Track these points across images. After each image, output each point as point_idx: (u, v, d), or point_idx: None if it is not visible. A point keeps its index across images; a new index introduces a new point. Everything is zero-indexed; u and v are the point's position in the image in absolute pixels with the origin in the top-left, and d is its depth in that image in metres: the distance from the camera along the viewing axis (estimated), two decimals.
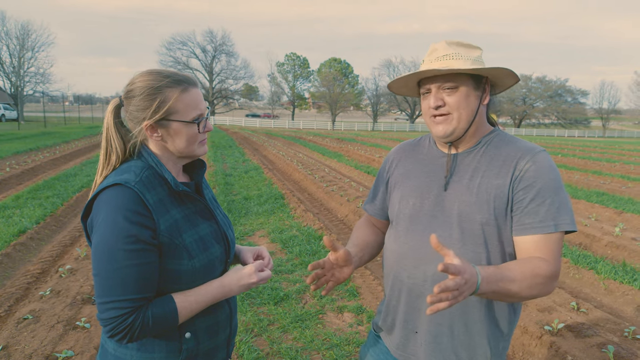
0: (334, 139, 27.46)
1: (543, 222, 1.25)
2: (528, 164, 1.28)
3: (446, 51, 1.32)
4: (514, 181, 1.28)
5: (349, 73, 68.63)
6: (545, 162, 1.30)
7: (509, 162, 1.31)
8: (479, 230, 1.30)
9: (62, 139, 20.50)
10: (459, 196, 1.34)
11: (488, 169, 1.33)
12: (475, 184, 1.33)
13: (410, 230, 1.41)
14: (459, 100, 1.31)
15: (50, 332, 3.30)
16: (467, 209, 1.32)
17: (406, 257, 1.41)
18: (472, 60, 1.31)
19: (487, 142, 1.39)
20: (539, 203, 1.25)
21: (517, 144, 1.36)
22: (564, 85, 68.58)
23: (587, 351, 3.15)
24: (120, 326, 1.12)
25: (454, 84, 1.31)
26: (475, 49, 1.35)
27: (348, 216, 7.25)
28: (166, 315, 1.18)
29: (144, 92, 1.22)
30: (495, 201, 1.29)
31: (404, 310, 1.44)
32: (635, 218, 7.39)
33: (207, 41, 57.37)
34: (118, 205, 1.14)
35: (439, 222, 1.36)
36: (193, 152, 1.30)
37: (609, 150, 24.19)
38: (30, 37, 42.97)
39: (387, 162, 1.61)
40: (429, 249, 1.35)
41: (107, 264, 1.12)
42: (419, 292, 1.39)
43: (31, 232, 5.86)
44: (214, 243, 1.32)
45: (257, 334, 3.48)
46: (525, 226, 1.27)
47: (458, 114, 1.32)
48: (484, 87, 1.35)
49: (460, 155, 1.40)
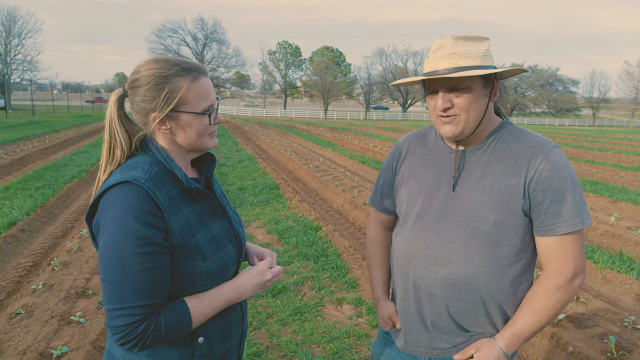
0: (328, 128, 27.34)
1: (567, 221, 1.25)
2: (543, 164, 1.26)
3: (454, 49, 1.24)
4: (530, 182, 1.26)
5: (341, 61, 68.16)
6: (560, 159, 1.27)
7: (522, 160, 1.28)
8: (491, 230, 1.28)
9: (51, 128, 20.17)
10: (469, 195, 1.30)
11: (500, 167, 1.30)
12: (487, 183, 1.29)
13: (420, 230, 1.38)
14: (469, 102, 1.26)
15: (44, 328, 3.22)
16: (479, 209, 1.28)
17: (416, 257, 1.38)
18: (480, 56, 1.25)
19: (497, 137, 1.34)
20: (560, 203, 1.24)
21: (528, 139, 1.32)
22: (555, 74, 68.76)
23: (588, 342, 3.14)
24: (131, 334, 1.05)
25: (464, 86, 1.25)
26: (482, 41, 1.29)
27: (344, 206, 7.21)
28: (180, 321, 1.11)
29: (151, 81, 1.13)
30: (509, 201, 1.27)
31: (415, 309, 1.41)
32: (629, 207, 7.42)
33: (198, 29, 56.48)
34: (127, 205, 1.05)
35: (449, 221, 1.32)
36: (203, 144, 1.22)
37: (600, 139, 24.34)
38: (16, 23, 42.08)
39: (394, 155, 1.55)
40: (439, 250, 1.33)
41: (116, 268, 1.04)
42: (430, 293, 1.36)
43: (21, 223, 5.74)
44: (227, 243, 1.25)
45: (256, 328, 3.43)
46: (550, 227, 1.26)
47: (466, 115, 1.27)
48: (493, 82, 1.31)
49: (468, 152, 1.35)
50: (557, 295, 1.27)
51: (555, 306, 1.27)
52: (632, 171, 11.70)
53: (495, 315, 1.33)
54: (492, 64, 1.27)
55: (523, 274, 1.33)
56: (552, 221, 1.25)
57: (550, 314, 1.27)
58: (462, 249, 1.30)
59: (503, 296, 1.31)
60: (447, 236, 1.32)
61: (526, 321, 1.28)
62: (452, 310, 1.34)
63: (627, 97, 66.31)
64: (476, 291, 1.30)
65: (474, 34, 1.27)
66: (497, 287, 1.30)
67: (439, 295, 1.34)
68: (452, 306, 1.33)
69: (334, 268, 4.53)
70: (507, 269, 1.30)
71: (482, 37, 1.29)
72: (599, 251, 5.29)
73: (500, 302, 1.32)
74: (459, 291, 1.31)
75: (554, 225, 1.25)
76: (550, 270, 1.29)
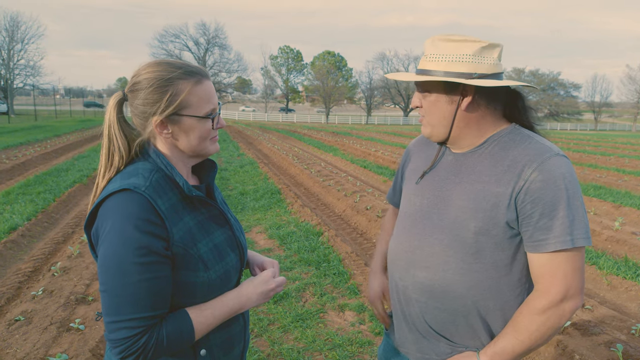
0: (329, 133, 27.34)
1: (558, 237, 1.13)
2: (534, 173, 1.14)
3: (429, 50, 1.23)
4: (519, 192, 1.15)
5: (342, 66, 68.22)
6: (556, 169, 1.14)
7: (514, 169, 1.18)
8: (472, 239, 1.20)
9: (53, 133, 20.20)
10: (456, 200, 1.25)
11: (491, 173, 1.21)
12: (475, 189, 1.22)
13: (406, 231, 1.36)
14: (428, 106, 1.26)
15: (44, 334, 3.19)
16: (462, 215, 1.22)
17: (400, 258, 1.36)
18: (449, 61, 1.18)
19: (495, 141, 1.25)
20: (551, 217, 1.13)
21: (528, 145, 1.20)
22: (557, 78, 68.78)
23: (595, 350, 3.09)
24: (132, 347, 1.01)
25: (426, 89, 1.25)
26: (467, 45, 1.18)
27: (345, 211, 7.17)
28: (182, 333, 1.07)
29: (153, 84, 1.10)
30: (492, 210, 1.18)
31: (399, 309, 1.39)
32: (633, 212, 7.37)
33: (200, 34, 56.82)
34: (128, 214, 1.02)
35: (433, 224, 1.28)
36: (205, 149, 1.19)
37: (603, 144, 24.28)
38: (19, 28, 42.26)
39: (405, 155, 1.57)
40: (419, 253, 1.29)
41: (116, 278, 1.01)
42: (409, 296, 1.33)
43: (22, 229, 5.72)
44: (229, 251, 1.21)
45: (257, 335, 3.39)
46: (540, 242, 1.15)
47: (429, 118, 1.27)
48: (465, 89, 1.20)
49: (464, 156, 1.29)
50: (541, 318, 1.16)
51: (540, 329, 1.16)
52: (635, 175, 11.64)
53: (478, 328, 1.25)
54: (471, 70, 1.17)
55: (511, 289, 1.23)
56: (542, 236, 1.15)
57: (533, 337, 1.16)
58: (440, 255, 1.25)
59: (485, 310, 1.23)
60: (429, 240, 1.28)
61: (508, 340, 1.19)
62: (428, 317, 1.29)
63: (629, 101, 66.24)
64: (454, 300, 1.24)
65: (461, 36, 1.20)
66: (479, 300, 1.23)
67: (416, 299, 1.31)
68: (429, 313, 1.29)
69: (336, 274, 4.49)
70: (490, 282, 1.21)
71: (470, 40, 1.19)
72: (603, 257, 5.24)
73: (483, 316, 1.25)
74: (436, 299, 1.26)
75: (544, 242, 1.14)
76: (538, 289, 1.19)
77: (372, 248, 5.53)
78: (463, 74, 1.18)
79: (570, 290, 1.16)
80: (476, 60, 1.18)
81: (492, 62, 1.20)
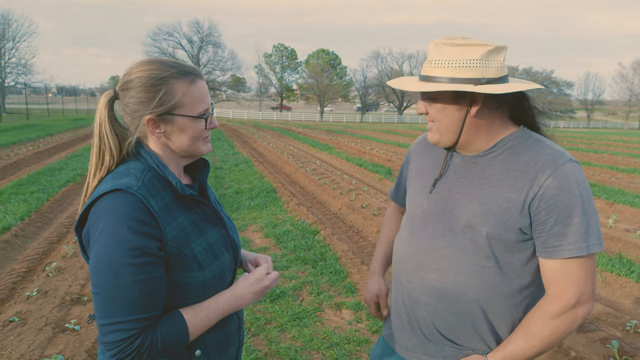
0: (324, 131, 27.32)
1: (572, 244, 1.13)
2: (549, 180, 1.14)
3: (433, 55, 1.19)
4: (533, 198, 1.15)
5: (337, 64, 68.20)
6: (570, 175, 1.14)
7: (527, 174, 1.17)
8: (484, 244, 1.21)
9: (45, 132, 20.03)
10: (467, 204, 1.24)
11: (503, 178, 1.20)
12: (486, 193, 1.22)
13: (415, 233, 1.34)
14: (435, 112, 1.23)
15: (39, 335, 3.16)
16: (474, 219, 1.22)
17: (408, 260, 1.35)
18: (457, 67, 1.15)
19: (506, 145, 1.24)
20: (566, 224, 1.13)
21: (540, 150, 1.20)
22: (550, 76, 69.20)
23: (590, 346, 3.11)
24: (126, 350, 1.00)
25: (432, 96, 1.22)
26: (473, 49, 1.15)
27: (341, 209, 7.17)
28: (176, 335, 1.06)
29: (145, 82, 1.09)
30: (504, 215, 1.18)
31: (404, 311, 1.38)
32: (627, 209, 7.43)
33: (193, 32, 56.38)
34: (120, 214, 1.01)
35: (445, 228, 1.28)
36: (197, 149, 1.18)
37: (596, 141, 24.45)
38: (10, 26, 41.97)
39: (408, 154, 1.56)
40: (429, 256, 1.29)
41: (109, 280, 0.99)
42: (416, 299, 1.32)
43: (15, 229, 5.67)
44: (224, 251, 1.21)
45: (254, 334, 3.38)
46: (553, 249, 1.15)
47: (437, 124, 1.24)
48: (472, 95, 1.18)
49: (473, 159, 1.28)
50: (554, 323, 1.16)
51: (553, 334, 1.16)
52: (628, 173, 11.73)
53: (484, 331, 1.26)
54: (478, 75, 1.15)
55: (521, 293, 1.23)
56: (555, 243, 1.15)
57: (546, 342, 1.17)
58: (452, 257, 1.24)
59: (495, 313, 1.24)
60: (440, 242, 1.27)
61: (519, 345, 1.19)
62: (436, 321, 1.29)
63: (621, 99, 66.79)
64: (464, 304, 1.24)
65: (466, 40, 1.17)
66: (489, 303, 1.23)
67: (425, 302, 1.30)
68: (438, 316, 1.28)
69: (333, 272, 4.49)
70: (501, 286, 1.22)
71: (476, 44, 1.16)
72: (598, 254, 5.28)
73: (492, 319, 1.25)
74: (446, 302, 1.26)
75: (557, 248, 1.14)
76: (550, 295, 1.18)
77: (369, 246, 5.54)
78: (471, 80, 1.15)
79: (584, 295, 1.16)
80: (483, 64, 1.16)
81: (499, 65, 1.18)
